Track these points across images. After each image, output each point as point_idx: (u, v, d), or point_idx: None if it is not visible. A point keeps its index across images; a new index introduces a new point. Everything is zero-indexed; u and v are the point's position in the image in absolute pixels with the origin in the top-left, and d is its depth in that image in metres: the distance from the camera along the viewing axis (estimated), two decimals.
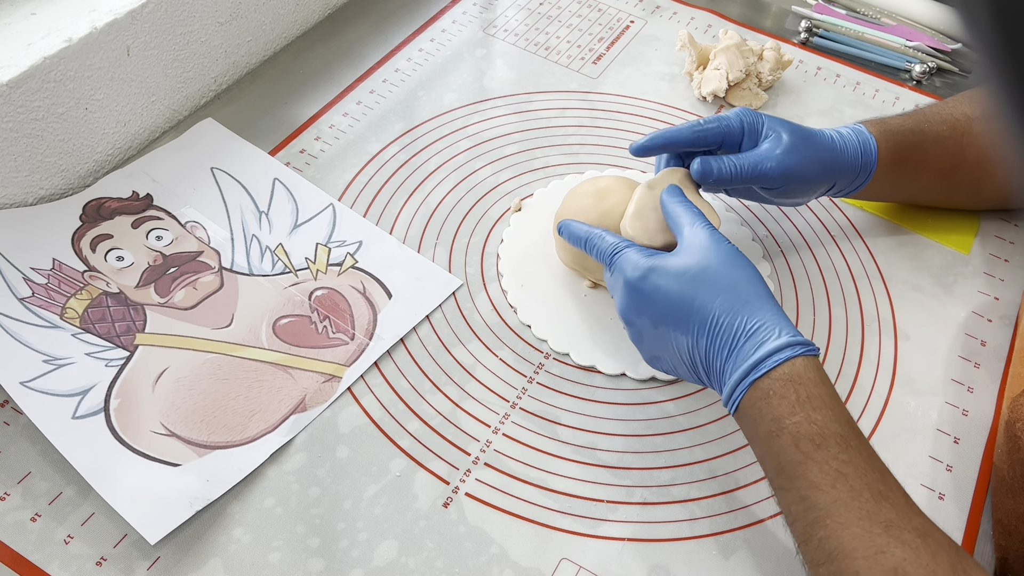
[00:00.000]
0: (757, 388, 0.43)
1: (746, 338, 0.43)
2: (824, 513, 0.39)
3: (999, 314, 0.61)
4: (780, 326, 0.44)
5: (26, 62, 0.55)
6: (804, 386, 0.42)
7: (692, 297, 0.45)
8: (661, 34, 0.80)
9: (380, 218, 0.63)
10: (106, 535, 0.46)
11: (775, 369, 0.42)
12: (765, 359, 0.43)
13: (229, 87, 0.72)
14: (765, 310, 0.44)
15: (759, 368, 0.43)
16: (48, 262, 0.56)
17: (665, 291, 0.46)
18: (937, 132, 0.59)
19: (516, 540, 0.48)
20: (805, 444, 0.41)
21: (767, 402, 0.42)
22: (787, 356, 0.42)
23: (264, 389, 0.52)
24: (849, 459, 0.40)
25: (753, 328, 0.44)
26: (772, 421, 0.42)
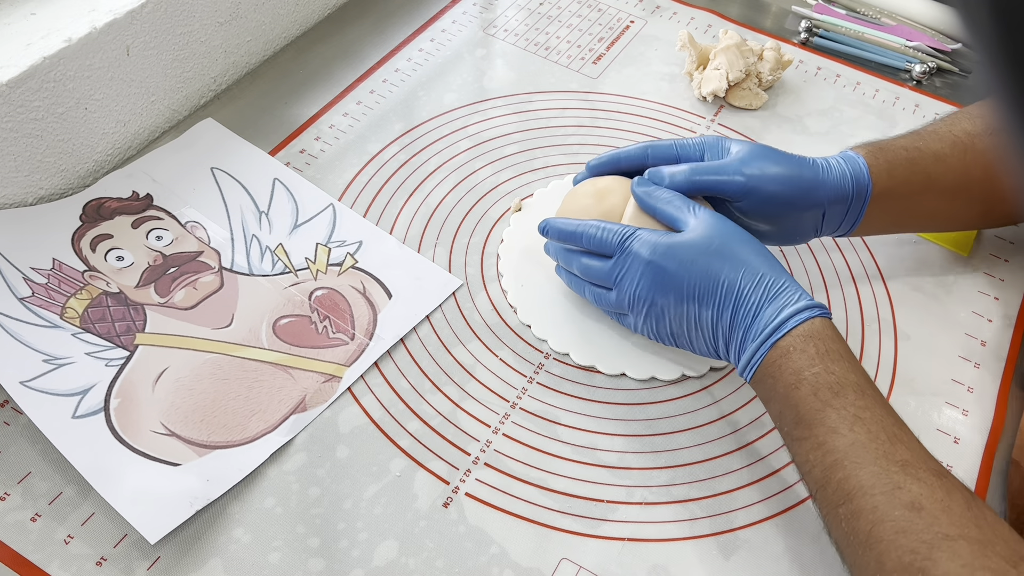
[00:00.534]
0: (777, 347, 0.45)
1: (768, 303, 0.46)
2: (843, 455, 0.42)
3: (999, 314, 0.61)
4: (798, 291, 0.47)
5: (26, 62, 0.55)
6: (823, 341, 0.45)
7: (719, 270, 0.47)
8: (661, 34, 0.80)
9: (380, 218, 0.63)
10: (106, 535, 0.46)
11: (796, 328, 0.45)
12: (787, 320, 0.45)
13: (229, 87, 0.72)
14: (782, 278, 0.47)
15: (781, 329, 0.45)
16: (48, 262, 0.56)
17: (690, 266, 0.48)
18: (936, 150, 0.56)
19: (516, 540, 0.48)
20: (824, 392, 0.43)
21: (787, 358, 0.45)
22: (806, 316, 0.45)
23: (264, 389, 0.52)
24: (866, 404, 0.43)
25: (774, 293, 0.46)
26: (792, 374, 0.44)
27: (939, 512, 0.39)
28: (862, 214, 0.55)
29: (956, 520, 0.38)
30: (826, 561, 0.48)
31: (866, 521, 0.40)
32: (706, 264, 0.47)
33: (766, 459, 0.52)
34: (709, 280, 0.47)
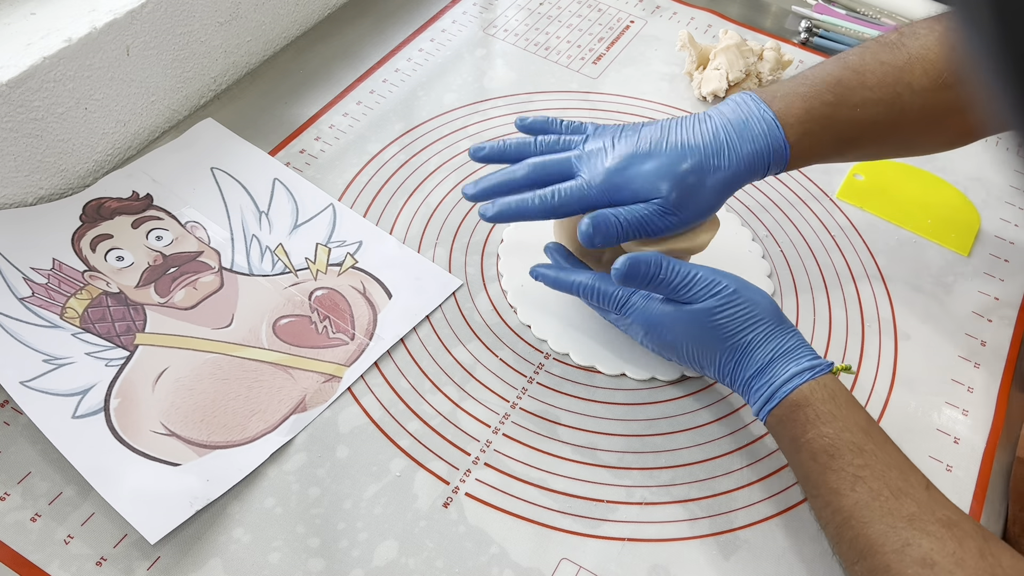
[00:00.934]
0: (773, 416, 0.47)
1: (757, 378, 0.47)
2: (848, 515, 0.42)
3: (999, 314, 0.61)
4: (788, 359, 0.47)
5: (26, 62, 0.55)
6: (811, 407, 0.45)
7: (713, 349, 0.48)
8: (661, 34, 0.80)
9: (380, 218, 0.63)
10: (106, 535, 0.46)
11: (785, 399, 0.46)
12: (774, 393, 0.46)
13: (229, 87, 0.72)
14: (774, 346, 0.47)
15: (770, 402, 0.46)
16: (48, 262, 0.56)
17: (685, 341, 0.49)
18: (872, 116, 0.51)
19: (516, 540, 0.48)
20: (821, 456, 0.44)
21: (782, 426, 0.46)
22: (792, 387, 0.46)
23: (264, 389, 0.52)
24: (864, 463, 0.43)
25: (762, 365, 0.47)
26: (790, 441, 0.46)
27: (952, 566, 0.39)
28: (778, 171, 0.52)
29: (971, 572, 0.38)
30: (826, 561, 0.48)
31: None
32: (700, 342, 0.48)
33: (766, 459, 0.52)
34: (705, 355, 0.49)
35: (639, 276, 0.47)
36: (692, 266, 0.48)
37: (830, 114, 0.51)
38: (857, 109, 0.51)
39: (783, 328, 0.48)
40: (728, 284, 0.48)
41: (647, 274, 0.47)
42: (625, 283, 0.48)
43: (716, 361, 0.48)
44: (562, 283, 0.52)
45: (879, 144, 0.55)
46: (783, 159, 0.51)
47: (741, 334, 0.47)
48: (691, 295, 0.48)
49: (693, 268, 0.48)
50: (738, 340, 0.47)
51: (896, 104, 0.51)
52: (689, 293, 0.48)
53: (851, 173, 0.70)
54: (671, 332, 0.49)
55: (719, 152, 0.50)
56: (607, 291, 0.50)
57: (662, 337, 0.49)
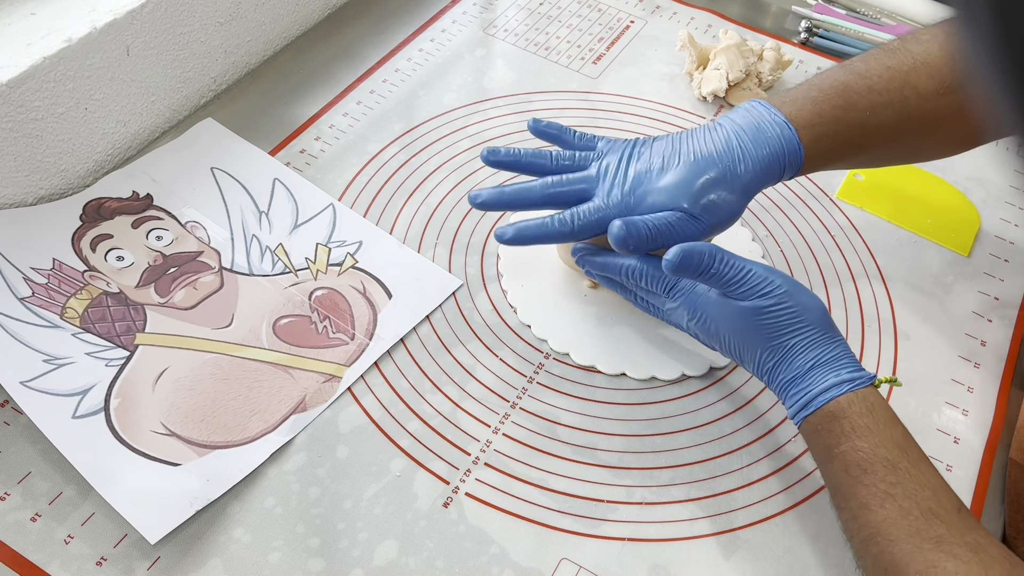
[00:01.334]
0: (807, 423, 0.46)
1: (798, 381, 0.46)
2: (875, 531, 0.42)
3: (999, 314, 0.61)
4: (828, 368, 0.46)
5: (26, 62, 0.55)
6: (848, 419, 0.44)
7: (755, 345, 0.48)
8: (661, 34, 0.80)
9: (380, 218, 0.63)
10: (106, 535, 0.46)
11: (823, 407, 0.45)
12: (811, 401, 0.46)
13: (229, 87, 0.72)
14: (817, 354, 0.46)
15: (806, 409, 0.46)
16: (48, 262, 0.56)
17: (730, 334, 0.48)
18: (881, 121, 0.52)
19: (516, 540, 0.48)
20: (853, 469, 0.43)
21: (817, 435, 0.46)
22: (830, 397, 0.45)
23: (264, 389, 0.52)
24: (897, 480, 0.42)
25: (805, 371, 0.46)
26: (824, 450, 0.45)
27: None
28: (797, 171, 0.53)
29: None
30: (826, 561, 0.48)
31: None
32: (743, 339, 0.48)
33: (766, 459, 0.52)
34: (747, 352, 0.48)
35: (691, 267, 0.47)
36: (746, 262, 0.47)
37: (840, 117, 0.51)
38: (866, 112, 0.52)
39: (830, 336, 0.47)
40: (781, 285, 0.47)
41: (699, 265, 0.47)
42: (676, 273, 0.47)
43: (756, 358, 0.48)
44: (610, 266, 0.52)
45: (888, 148, 0.55)
46: (798, 162, 0.51)
47: (785, 337, 0.47)
48: (742, 291, 0.47)
49: (748, 264, 0.47)
50: (782, 342, 0.47)
51: (904, 108, 0.52)
52: (741, 289, 0.47)
53: (851, 173, 0.70)
54: (715, 322, 0.48)
55: (734, 159, 0.51)
56: (657, 274, 0.50)
57: (706, 325, 0.49)
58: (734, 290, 0.47)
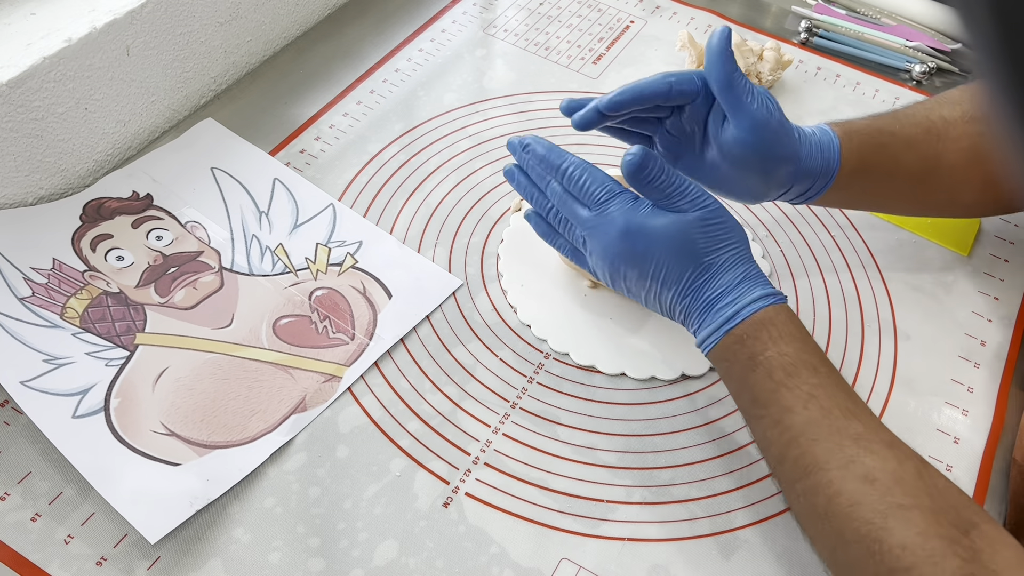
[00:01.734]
0: (731, 335, 0.46)
1: (727, 295, 0.47)
2: (798, 432, 0.43)
3: (999, 314, 0.61)
4: (756, 283, 0.47)
5: (26, 62, 0.55)
6: (775, 326, 0.46)
7: (686, 263, 0.48)
8: (661, 34, 0.80)
9: (380, 218, 0.63)
10: (106, 535, 0.46)
11: (750, 316, 0.46)
12: (741, 310, 0.46)
13: (229, 87, 0.72)
14: (743, 268, 0.47)
15: (735, 319, 0.46)
16: (48, 262, 0.56)
17: (660, 252, 0.48)
18: (909, 135, 0.55)
19: (516, 540, 0.48)
20: (778, 373, 0.44)
21: (741, 344, 0.46)
22: (760, 307, 0.46)
23: (264, 389, 0.52)
24: (819, 382, 0.44)
25: (733, 286, 0.47)
26: (747, 359, 0.46)
27: (891, 483, 0.40)
28: (824, 189, 0.54)
29: (908, 490, 0.40)
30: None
31: (823, 496, 0.41)
32: (675, 254, 0.47)
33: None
34: (674, 269, 0.48)
35: (648, 168, 0.47)
36: (685, 177, 0.48)
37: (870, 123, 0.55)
38: (895, 125, 0.56)
39: (750, 257, 0.48)
40: (715, 202, 0.48)
41: (653, 168, 0.47)
42: (632, 174, 0.47)
43: (683, 278, 0.47)
44: (551, 161, 0.50)
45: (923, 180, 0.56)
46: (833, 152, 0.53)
47: (717, 252, 0.47)
48: (682, 203, 0.48)
49: (687, 179, 0.48)
50: (714, 258, 0.47)
51: (933, 130, 0.55)
52: (681, 201, 0.47)
53: None
54: (646, 239, 0.47)
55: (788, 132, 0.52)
56: (592, 183, 0.49)
57: (634, 244, 0.48)
58: (676, 201, 0.48)
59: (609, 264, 0.49)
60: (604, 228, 0.49)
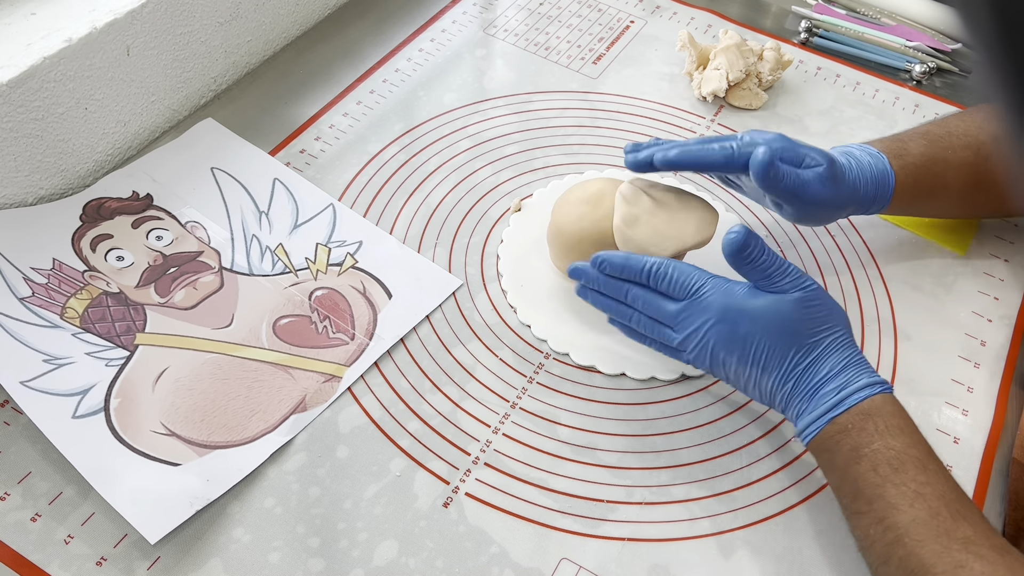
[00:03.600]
0: (835, 423, 0.45)
1: (830, 380, 0.46)
2: (903, 532, 0.41)
3: (999, 314, 0.61)
4: (862, 369, 0.46)
5: (26, 62, 0.55)
6: (882, 418, 0.44)
7: (789, 346, 0.47)
8: (661, 34, 0.80)
9: (380, 218, 0.63)
10: (106, 535, 0.46)
11: (855, 406, 0.45)
12: (846, 398, 0.45)
13: (229, 87, 0.72)
14: (847, 354, 0.47)
15: (840, 406, 0.45)
16: (48, 262, 0.56)
17: (762, 335, 0.47)
18: (961, 159, 0.57)
19: (516, 540, 0.48)
20: (883, 468, 0.43)
21: (845, 435, 0.45)
22: (866, 395, 0.45)
23: (264, 389, 0.52)
24: (927, 480, 0.42)
25: (837, 371, 0.46)
26: (851, 451, 0.44)
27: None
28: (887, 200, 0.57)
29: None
30: (826, 561, 0.48)
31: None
32: (778, 335, 0.47)
33: (765, 459, 0.52)
34: (777, 351, 0.47)
35: (749, 248, 0.47)
36: (784, 259, 0.48)
37: (924, 152, 0.57)
38: (947, 151, 0.57)
39: (853, 342, 0.48)
40: (815, 283, 0.48)
41: (754, 248, 0.47)
42: (734, 254, 0.47)
43: (785, 361, 0.47)
44: (631, 266, 0.50)
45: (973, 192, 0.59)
46: (888, 187, 0.56)
47: (820, 334, 0.47)
48: (783, 283, 0.47)
49: (785, 261, 0.48)
50: (817, 339, 0.47)
51: (981, 151, 0.57)
52: (782, 281, 0.47)
53: None
54: (748, 321, 0.47)
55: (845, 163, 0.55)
56: (682, 272, 0.49)
57: (736, 327, 0.47)
58: (777, 281, 0.47)
59: (709, 353, 0.48)
60: (699, 315, 0.48)
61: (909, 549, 0.41)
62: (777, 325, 0.47)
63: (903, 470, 0.43)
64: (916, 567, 0.40)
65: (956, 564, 0.39)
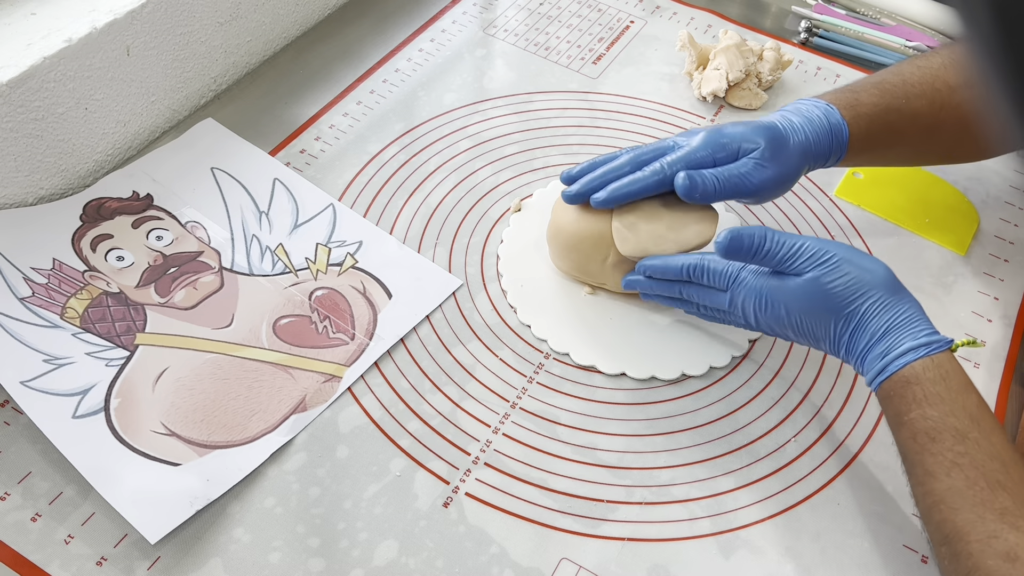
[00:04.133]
0: (883, 389, 0.46)
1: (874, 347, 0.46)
2: (939, 499, 0.42)
3: (999, 314, 0.61)
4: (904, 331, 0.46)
5: (26, 62, 0.55)
6: (920, 386, 0.44)
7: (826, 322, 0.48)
8: (661, 34, 0.80)
9: (380, 218, 0.63)
10: (106, 535, 0.46)
11: (896, 373, 0.45)
12: (886, 367, 0.46)
13: (229, 87, 0.72)
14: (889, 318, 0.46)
15: (881, 375, 0.46)
16: (48, 262, 0.56)
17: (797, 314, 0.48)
18: (915, 109, 0.57)
19: (516, 540, 0.48)
20: (921, 437, 0.44)
21: (889, 401, 0.46)
22: (905, 362, 0.45)
23: (264, 389, 0.52)
24: (965, 451, 0.43)
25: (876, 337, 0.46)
26: (894, 416, 0.46)
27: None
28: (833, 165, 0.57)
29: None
30: (826, 561, 0.48)
31: (963, 567, 0.41)
32: (815, 312, 0.48)
33: (766, 459, 0.52)
34: (820, 327, 0.48)
35: (743, 249, 0.48)
36: (798, 237, 0.49)
37: (877, 103, 0.56)
38: (901, 100, 0.57)
39: (899, 298, 0.47)
40: (836, 253, 0.48)
41: (751, 247, 0.48)
42: (728, 255, 0.49)
43: (830, 332, 0.48)
44: (670, 268, 0.52)
45: (927, 140, 0.59)
46: (842, 139, 0.55)
47: (855, 303, 0.47)
48: (799, 265, 0.48)
49: (799, 239, 0.48)
50: (853, 309, 0.47)
51: (936, 99, 0.57)
52: (796, 263, 0.48)
53: (850, 171, 0.70)
54: (782, 305, 0.48)
55: (791, 126, 0.55)
56: (716, 268, 0.51)
57: (775, 311, 0.49)
58: (790, 265, 0.48)
59: (771, 331, 0.51)
60: (747, 302, 0.50)
61: (944, 515, 0.42)
62: (811, 304, 0.48)
63: (940, 439, 0.43)
64: (951, 533, 0.41)
65: (990, 534, 0.40)
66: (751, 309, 0.50)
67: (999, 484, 0.41)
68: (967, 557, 0.40)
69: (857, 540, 0.49)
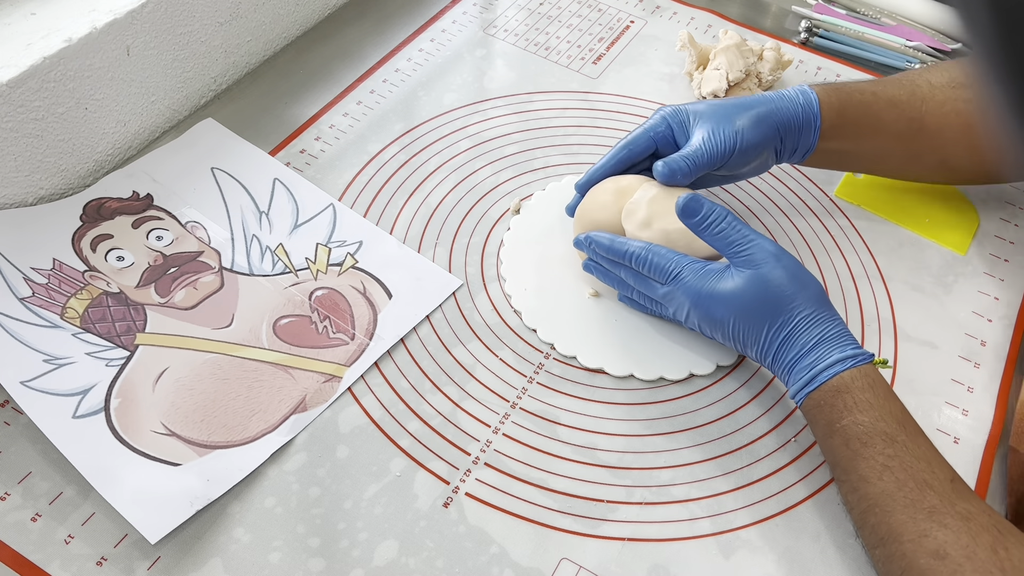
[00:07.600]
0: (810, 398, 0.48)
1: (801, 359, 0.48)
2: (873, 503, 0.44)
3: (999, 314, 0.61)
4: (833, 344, 0.48)
5: (26, 62, 0.55)
6: (851, 394, 0.46)
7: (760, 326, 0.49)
8: (661, 34, 0.80)
9: (380, 218, 0.63)
10: (106, 535, 0.46)
11: (825, 383, 0.47)
12: (815, 376, 0.47)
13: (229, 87, 0.72)
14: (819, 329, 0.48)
15: (810, 385, 0.47)
16: (48, 262, 0.56)
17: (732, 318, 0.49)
18: (892, 95, 0.58)
19: (516, 540, 0.48)
20: (854, 443, 0.45)
21: (819, 410, 0.47)
22: (834, 373, 0.47)
23: (264, 389, 0.52)
24: (894, 453, 0.44)
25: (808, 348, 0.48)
26: (826, 425, 0.47)
27: (962, 559, 0.40)
28: (813, 146, 0.58)
29: (980, 566, 0.40)
30: (826, 561, 0.48)
31: (896, 567, 0.43)
32: (749, 316, 0.49)
33: (766, 459, 0.52)
34: (751, 331, 0.49)
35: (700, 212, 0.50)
36: (757, 234, 0.50)
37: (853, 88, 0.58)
38: (877, 85, 0.58)
39: (829, 314, 0.49)
40: (782, 260, 0.49)
41: (708, 214, 0.49)
42: (684, 215, 0.50)
43: (761, 338, 0.49)
44: (616, 249, 0.53)
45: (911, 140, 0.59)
46: (813, 109, 0.56)
47: (791, 312, 0.48)
48: (747, 258, 0.49)
49: (756, 236, 0.49)
50: (787, 317, 0.48)
51: (916, 92, 0.58)
52: (745, 254, 0.49)
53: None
54: (720, 306, 0.49)
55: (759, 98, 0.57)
56: (659, 261, 0.51)
57: (710, 312, 0.50)
58: (738, 253, 0.49)
59: (700, 331, 0.52)
60: (681, 300, 0.51)
61: (879, 518, 0.44)
62: (746, 307, 0.49)
63: (871, 444, 0.45)
64: (886, 535, 0.43)
65: (921, 533, 0.42)
66: (686, 306, 0.51)
67: (926, 484, 0.43)
68: (900, 557, 0.42)
69: (857, 540, 0.49)
